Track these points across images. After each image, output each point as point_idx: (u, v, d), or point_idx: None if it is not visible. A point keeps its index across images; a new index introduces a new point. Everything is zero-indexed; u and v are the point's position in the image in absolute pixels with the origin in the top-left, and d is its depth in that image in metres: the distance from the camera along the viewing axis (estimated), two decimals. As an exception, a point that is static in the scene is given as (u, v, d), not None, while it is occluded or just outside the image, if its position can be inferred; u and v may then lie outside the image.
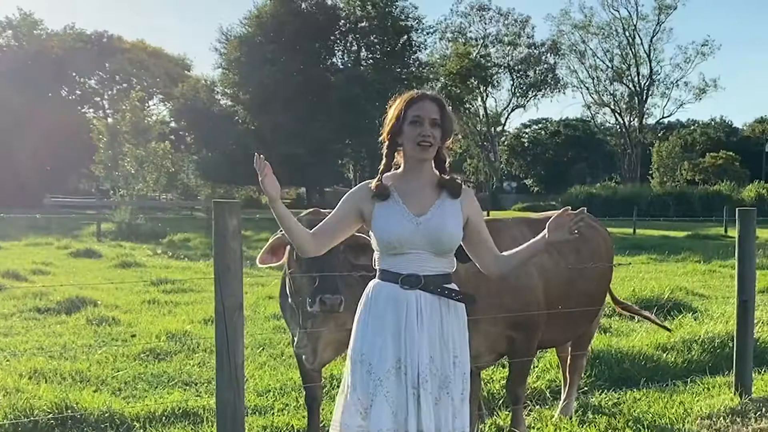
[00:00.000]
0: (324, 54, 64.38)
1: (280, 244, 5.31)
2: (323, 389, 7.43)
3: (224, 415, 4.61)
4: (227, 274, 4.54)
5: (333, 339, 5.70)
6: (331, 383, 7.60)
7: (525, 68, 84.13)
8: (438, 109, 3.87)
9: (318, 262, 5.13)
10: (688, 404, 7.12)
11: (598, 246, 6.85)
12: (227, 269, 4.54)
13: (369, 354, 3.89)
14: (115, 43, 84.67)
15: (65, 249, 23.41)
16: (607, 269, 6.98)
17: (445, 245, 3.90)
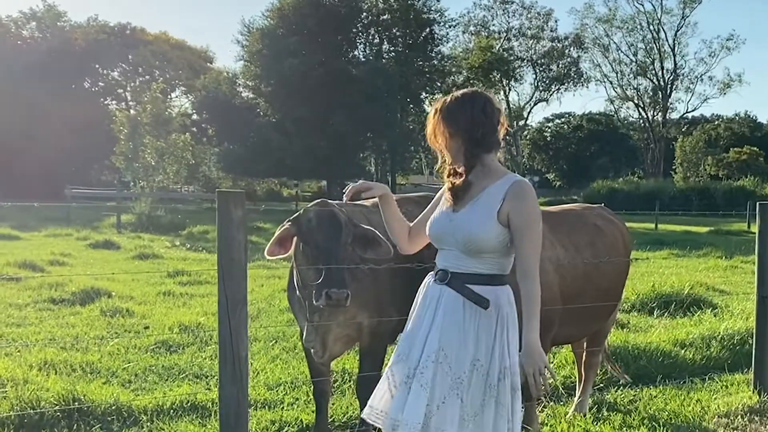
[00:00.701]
0: (346, 46, 64.17)
1: (288, 235, 5.22)
2: (335, 383, 7.38)
3: (227, 410, 4.53)
4: (231, 266, 4.46)
5: (342, 332, 5.61)
6: (343, 378, 7.52)
7: (548, 62, 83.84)
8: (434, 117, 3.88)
9: (325, 255, 5.04)
10: (706, 402, 7.00)
11: (616, 240, 6.74)
12: (231, 261, 4.46)
13: (401, 338, 4.05)
14: (138, 35, 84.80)
15: (84, 240, 23.41)
16: (624, 264, 6.86)
17: (471, 243, 3.80)
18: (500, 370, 3.76)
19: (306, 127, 56.09)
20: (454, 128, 3.81)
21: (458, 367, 3.76)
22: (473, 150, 3.81)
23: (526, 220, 3.76)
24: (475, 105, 3.83)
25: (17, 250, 20.11)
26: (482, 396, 3.76)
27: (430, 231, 4.00)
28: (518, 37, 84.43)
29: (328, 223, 5.18)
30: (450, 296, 3.85)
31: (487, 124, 3.82)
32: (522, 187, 3.79)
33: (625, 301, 11.87)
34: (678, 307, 11.36)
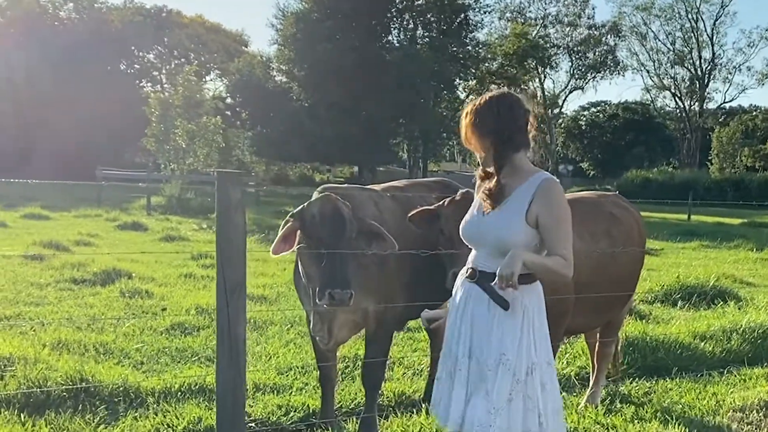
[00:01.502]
0: (380, 32, 63.79)
1: (292, 230, 5.16)
2: (346, 369, 7.33)
3: (225, 395, 4.46)
4: (230, 248, 4.38)
5: (348, 318, 5.56)
6: (355, 364, 7.47)
7: (584, 49, 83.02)
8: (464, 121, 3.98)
9: (329, 253, 4.97)
10: (721, 396, 6.90)
11: (631, 229, 6.64)
12: (229, 243, 4.37)
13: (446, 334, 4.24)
14: (174, 17, 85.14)
15: (113, 221, 23.52)
16: (639, 254, 6.75)
17: (501, 245, 3.90)
18: (528, 365, 3.89)
19: (338, 112, 55.99)
20: (484, 130, 3.92)
21: (484, 362, 3.92)
22: (502, 150, 3.92)
23: (555, 220, 3.88)
24: (502, 106, 3.93)
25: (46, 229, 20.24)
26: (509, 390, 3.85)
27: (463, 233, 4.16)
28: (554, 24, 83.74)
29: (331, 219, 5.12)
30: (478, 294, 4.01)
31: (514, 124, 3.92)
32: (549, 187, 3.89)
33: (649, 293, 11.77)
34: (701, 299, 11.21)
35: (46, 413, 5.87)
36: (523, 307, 3.92)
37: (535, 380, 3.90)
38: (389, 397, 6.72)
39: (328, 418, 5.95)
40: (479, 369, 3.95)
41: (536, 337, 3.95)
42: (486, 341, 3.93)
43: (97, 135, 61.98)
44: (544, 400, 3.93)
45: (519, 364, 3.88)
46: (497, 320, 3.93)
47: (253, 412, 6.14)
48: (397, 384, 7.02)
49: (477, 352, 3.97)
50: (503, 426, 3.85)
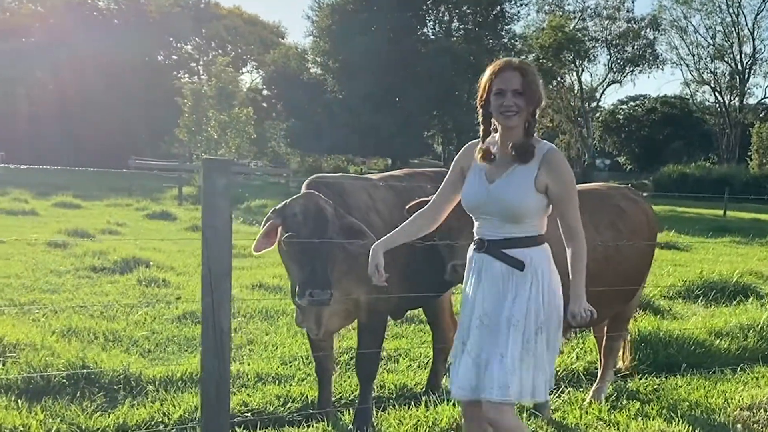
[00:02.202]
0: (415, 24, 63.69)
1: (273, 227, 5.11)
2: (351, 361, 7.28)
3: (208, 384, 4.42)
4: (215, 236, 4.34)
5: (339, 308, 5.50)
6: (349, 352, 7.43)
7: (623, 43, 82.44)
8: (521, 77, 3.96)
9: (307, 252, 4.94)
10: (730, 393, 6.74)
11: (640, 222, 6.52)
12: (215, 231, 4.34)
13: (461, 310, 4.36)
14: (212, 9, 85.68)
15: (143, 211, 23.67)
16: (648, 247, 6.63)
17: (511, 213, 4.02)
18: (536, 325, 4.01)
19: (372, 104, 55.93)
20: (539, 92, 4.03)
21: (495, 326, 4.03)
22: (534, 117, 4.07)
23: (565, 188, 4.03)
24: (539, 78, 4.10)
25: (75, 218, 20.42)
26: (520, 350, 3.96)
27: (467, 202, 4.20)
28: (593, 17, 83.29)
29: (313, 218, 5.07)
30: (488, 262, 4.11)
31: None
32: (555, 157, 4.04)
33: (670, 288, 11.61)
34: (722, 295, 11.05)
35: (44, 400, 5.87)
36: (533, 269, 4.03)
37: (543, 339, 4.03)
38: (390, 389, 6.66)
39: (324, 408, 5.92)
40: (491, 333, 4.04)
41: (547, 299, 4.05)
42: (498, 306, 4.05)
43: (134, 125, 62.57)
44: (551, 360, 4.10)
45: (528, 325, 3.99)
46: (509, 285, 4.05)
47: (251, 401, 6.11)
48: (399, 376, 6.97)
49: (492, 320, 4.06)
50: (516, 386, 3.95)
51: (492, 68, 4.08)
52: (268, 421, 5.86)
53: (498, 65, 4.06)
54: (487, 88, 4.06)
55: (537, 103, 4.02)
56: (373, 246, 4.41)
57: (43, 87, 61.77)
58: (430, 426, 5.67)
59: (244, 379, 6.73)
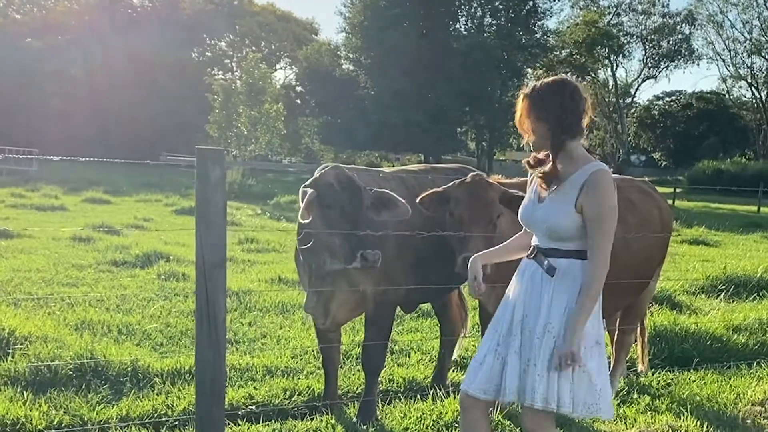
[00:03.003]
0: (447, 19, 63.54)
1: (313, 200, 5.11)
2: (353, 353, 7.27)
3: (203, 375, 4.40)
4: (209, 227, 4.33)
5: (347, 299, 5.51)
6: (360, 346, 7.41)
7: (658, 38, 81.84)
8: (527, 105, 3.98)
9: (351, 217, 4.98)
10: (743, 389, 6.64)
11: (651, 216, 6.44)
12: (208, 222, 4.32)
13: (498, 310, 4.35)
14: (245, 5, 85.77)
15: (171, 206, 23.76)
16: (660, 240, 6.53)
17: (553, 232, 4.05)
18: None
19: (404, 100, 55.83)
20: (543, 114, 3.95)
21: (533, 331, 4.02)
22: (560, 136, 3.95)
23: (598, 213, 3.93)
24: (564, 92, 3.96)
25: (104, 213, 20.55)
26: (550, 355, 3.93)
27: (521, 218, 4.26)
28: (628, 12, 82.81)
29: (349, 187, 5.17)
30: (532, 268, 4.14)
31: (574, 111, 3.96)
32: (598, 179, 3.93)
33: (693, 283, 11.49)
34: (745, 290, 10.92)
35: (49, 391, 5.89)
36: (574, 279, 4.00)
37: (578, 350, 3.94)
38: (399, 383, 6.62)
39: (330, 400, 5.90)
40: (530, 338, 4.02)
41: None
42: (536, 311, 4.04)
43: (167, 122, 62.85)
44: (579, 375, 3.94)
45: (559, 331, 3.96)
46: (548, 291, 4.03)
47: (257, 394, 6.10)
48: (409, 370, 6.92)
49: (529, 324, 4.06)
50: (544, 392, 3.92)
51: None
52: (273, 414, 5.84)
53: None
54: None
55: (556, 118, 3.93)
56: (473, 258, 4.41)
57: (78, 84, 62.11)
58: (434, 419, 5.64)
59: (252, 372, 6.72)
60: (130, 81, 63.29)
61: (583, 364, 3.93)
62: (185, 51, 76.18)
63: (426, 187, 5.80)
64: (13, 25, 72.57)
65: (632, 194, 6.46)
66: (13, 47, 64.26)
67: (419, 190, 5.67)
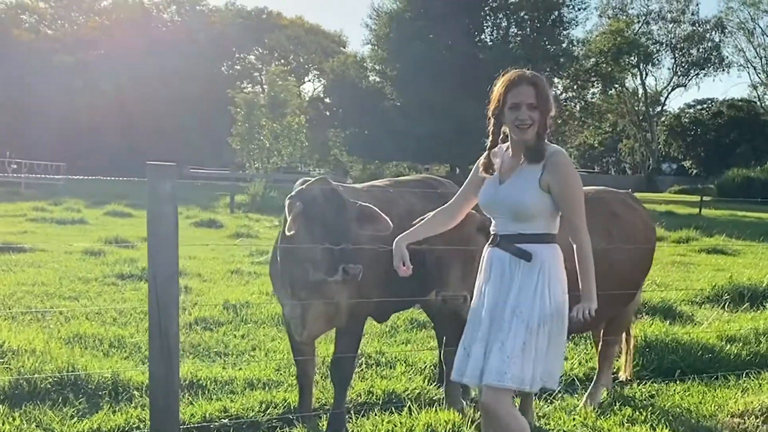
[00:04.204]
0: (473, 30, 63.30)
1: (300, 210, 5.14)
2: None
3: (156, 389, 4.44)
4: (160, 241, 4.36)
5: (322, 311, 5.53)
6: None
7: (688, 46, 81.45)
8: (534, 91, 4.17)
9: (332, 231, 5.01)
10: (725, 400, 6.57)
11: (634, 228, 6.45)
12: (159, 235, 4.37)
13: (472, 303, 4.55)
14: (274, 19, 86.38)
15: (191, 219, 23.88)
16: (644, 252, 6.51)
17: (517, 211, 4.24)
18: (540, 317, 4.16)
19: (430, 111, 55.70)
20: (549, 106, 4.24)
21: (501, 316, 4.21)
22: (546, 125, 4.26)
23: (567, 188, 4.19)
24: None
25: (122, 226, 20.74)
26: (522, 340, 4.13)
27: (481, 202, 4.45)
28: (657, 20, 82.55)
29: (333, 200, 5.20)
30: (498, 256, 4.32)
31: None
32: (559, 157, 4.21)
33: (698, 293, 11.41)
34: (751, 300, 10.81)
35: (26, 405, 5.93)
36: (540, 263, 4.20)
37: (545, 332, 4.17)
38: (378, 395, 6.59)
39: (304, 413, 5.90)
40: (497, 322, 4.21)
41: (552, 293, 4.20)
42: (504, 296, 4.23)
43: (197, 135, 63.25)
44: (553, 354, 4.24)
45: (532, 317, 4.14)
46: (516, 277, 4.23)
47: (232, 407, 6.10)
48: (390, 382, 6.89)
49: (497, 308, 4.24)
50: (516, 374, 4.11)
51: (505, 81, 4.25)
52: (245, 427, 5.86)
53: (511, 78, 4.24)
54: (501, 100, 4.25)
55: (548, 113, 4.22)
56: (396, 239, 4.59)
57: (108, 98, 62.67)
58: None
59: (233, 384, 6.73)
60: (160, 95, 63.87)
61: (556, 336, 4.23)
62: (215, 65, 76.72)
63: (396, 201, 5.88)
64: (45, 40, 73.55)
65: (617, 207, 6.48)
66: (44, 63, 65.05)
67: (386, 203, 5.80)
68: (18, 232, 18.52)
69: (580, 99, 69.43)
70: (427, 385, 6.83)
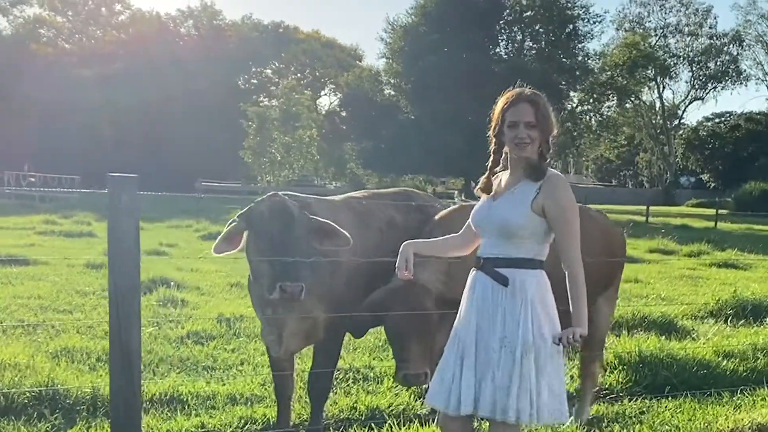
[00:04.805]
0: (487, 43, 63.30)
1: (237, 231, 5.17)
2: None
3: (117, 404, 4.36)
4: (120, 255, 4.28)
5: (299, 327, 5.43)
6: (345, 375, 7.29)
7: (705, 59, 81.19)
8: (533, 110, 4.11)
9: (279, 247, 4.92)
10: (714, 417, 6.41)
11: (593, 240, 6.20)
12: (120, 248, 4.29)
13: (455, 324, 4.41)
14: (290, 33, 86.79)
15: (200, 232, 23.85)
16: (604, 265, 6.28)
17: (504, 229, 4.14)
18: (523, 346, 4.04)
19: (444, 124, 55.65)
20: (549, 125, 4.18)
21: (489, 346, 4.10)
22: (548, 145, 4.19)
23: (561, 211, 4.08)
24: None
25: (129, 240, 20.61)
26: (510, 371, 4.03)
27: (473, 220, 4.36)
28: (674, 34, 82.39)
29: (279, 215, 5.10)
30: (481, 279, 4.22)
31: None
32: (556, 180, 4.14)
33: (701, 308, 11.27)
34: (754, 315, 10.65)
35: (1, 420, 5.86)
36: (523, 291, 4.09)
37: (530, 361, 4.03)
38: (361, 411, 6.49)
39: (282, 429, 5.80)
40: (486, 352, 4.11)
41: (535, 320, 4.07)
42: (491, 325, 4.12)
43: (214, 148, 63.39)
44: (539, 383, 4.04)
45: (516, 345, 4.04)
46: (500, 303, 4.12)
47: (210, 422, 6.02)
48: (376, 398, 6.78)
49: (484, 336, 4.14)
50: (505, 405, 4.02)
51: (504, 100, 4.21)
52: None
53: (510, 97, 4.19)
54: (500, 119, 4.20)
55: (549, 132, 4.16)
56: (405, 243, 4.51)
57: (126, 112, 63.04)
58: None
59: (214, 400, 6.64)
60: (178, 108, 64.20)
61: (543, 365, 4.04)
62: (231, 79, 77.02)
63: (370, 211, 5.81)
64: (63, 54, 74.15)
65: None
66: (63, 76, 65.50)
67: (364, 215, 5.82)
68: (25, 244, 18.50)
69: (596, 112, 69.28)
70: (412, 401, 6.73)
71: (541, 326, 4.08)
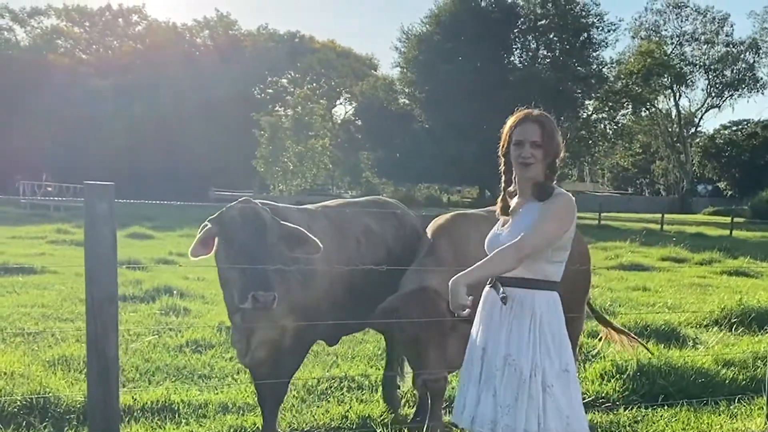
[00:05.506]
0: (501, 52, 63.31)
1: (210, 235, 5.07)
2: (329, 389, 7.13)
3: (94, 414, 4.33)
4: (97, 263, 4.25)
5: (267, 337, 5.37)
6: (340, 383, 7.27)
7: (722, 67, 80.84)
8: (540, 130, 4.11)
9: (250, 255, 4.86)
10: (707, 427, 6.35)
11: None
12: (97, 256, 4.25)
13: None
14: (306, 43, 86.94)
15: (211, 240, 23.81)
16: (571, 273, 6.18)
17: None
18: (532, 367, 4.03)
19: (459, 133, 55.66)
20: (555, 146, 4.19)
21: (492, 362, 4.14)
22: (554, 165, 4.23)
23: (544, 215, 4.05)
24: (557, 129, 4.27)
25: (140, 248, 20.69)
26: (515, 390, 4.04)
27: (487, 247, 4.32)
28: (691, 41, 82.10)
29: (252, 221, 5.03)
30: (491, 298, 4.25)
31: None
32: (561, 197, 4.13)
33: (706, 316, 11.18)
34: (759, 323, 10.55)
35: (-11, 429, 5.87)
36: (532, 311, 4.08)
37: (537, 381, 4.02)
38: (352, 420, 6.45)
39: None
40: (489, 368, 4.15)
41: (542, 341, 4.07)
42: (496, 342, 4.15)
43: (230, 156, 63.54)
44: (545, 403, 4.02)
45: (524, 365, 4.04)
46: (507, 321, 4.13)
47: (199, 431, 6.00)
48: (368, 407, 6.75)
49: (489, 352, 4.18)
50: (510, 424, 4.02)
51: (513, 119, 4.21)
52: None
53: (518, 117, 4.20)
54: (508, 138, 4.21)
55: (555, 154, 4.17)
56: (454, 280, 4.02)
57: (143, 121, 63.27)
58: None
59: (206, 409, 6.62)
60: (194, 118, 64.36)
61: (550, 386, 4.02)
62: (247, 88, 77.19)
63: (347, 219, 5.88)
64: (80, 65, 74.49)
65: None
66: (80, 87, 65.79)
67: (341, 224, 5.83)
68: (35, 254, 18.58)
69: (611, 120, 69.11)
70: (405, 410, 6.69)
71: (550, 349, 4.09)
